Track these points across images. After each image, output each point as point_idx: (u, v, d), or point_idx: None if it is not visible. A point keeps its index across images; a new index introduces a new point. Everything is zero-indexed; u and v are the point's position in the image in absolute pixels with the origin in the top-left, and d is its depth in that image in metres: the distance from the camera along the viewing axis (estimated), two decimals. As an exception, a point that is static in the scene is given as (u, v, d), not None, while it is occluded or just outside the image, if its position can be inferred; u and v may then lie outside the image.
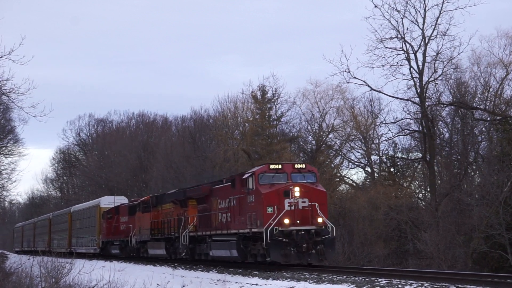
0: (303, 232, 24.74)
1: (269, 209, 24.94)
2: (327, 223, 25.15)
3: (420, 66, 40.51)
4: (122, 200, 53.94)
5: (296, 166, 26.42)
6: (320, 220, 24.97)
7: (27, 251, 78.60)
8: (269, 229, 24.45)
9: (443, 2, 39.30)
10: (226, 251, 28.56)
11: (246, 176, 26.73)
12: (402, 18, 39.98)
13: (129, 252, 45.43)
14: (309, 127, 56.68)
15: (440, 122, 45.78)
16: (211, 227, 30.60)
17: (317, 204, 24.98)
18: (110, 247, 50.24)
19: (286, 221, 24.68)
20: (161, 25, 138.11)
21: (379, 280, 18.59)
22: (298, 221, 24.85)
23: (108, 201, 53.77)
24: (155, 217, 39.12)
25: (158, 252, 38.94)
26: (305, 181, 25.94)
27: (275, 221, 24.57)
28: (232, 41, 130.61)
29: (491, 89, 44.84)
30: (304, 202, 25.11)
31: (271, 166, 26.08)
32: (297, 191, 25.07)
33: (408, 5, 39.93)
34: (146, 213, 40.66)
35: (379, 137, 52.91)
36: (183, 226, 33.60)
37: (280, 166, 26.08)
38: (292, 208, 24.89)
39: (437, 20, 39.61)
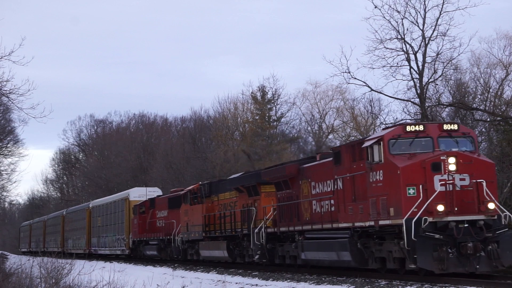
0: (466, 225, 17.49)
1: (410, 191, 17.63)
2: (502, 211, 18.08)
3: (420, 67, 40.51)
4: (155, 191, 46.54)
5: (445, 127, 18.87)
6: (491, 206, 17.60)
7: (36, 252, 68.29)
8: (413, 221, 17.15)
9: (443, 2, 39.27)
10: (331, 253, 21.05)
11: (367, 144, 19.12)
12: (402, 19, 39.94)
13: (171, 253, 38.14)
14: (309, 128, 56.75)
15: (440, 123, 45.79)
16: (301, 220, 23.40)
17: (484, 182, 17.66)
18: (144, 248, 42.87)
19: (440, 207, 17.38)
20: (159, 26, 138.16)
21: (379, 281, 18.58)
22: (456, 208, 17.53)
23: (138, 193, 46.27)
24: (210, 210, 32.06)
25: (215, 254, 31.17)
26: (461, 149, 18.62)
27: (422, 208, 17.32)
28: (230, 42, 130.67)
29: (491, 90, 44.86)
30: (463, 179, 17.79)
31: (408, 128, 18.85)
32: (452, 162, 17.78)
33: (408, 5, 39.90)
34: (196, 205, 33.46)
35: (379, 137, 52.92)
36: (254, 220, 26.72)
37: (421, 128, 18.83)
38: (447, 188, 17.60)
39: (437, 20, 39.58)
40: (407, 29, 40.25)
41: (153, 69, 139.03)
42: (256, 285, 21.67)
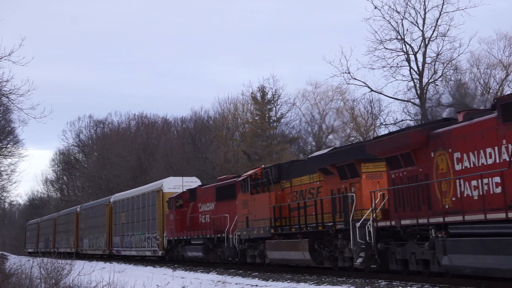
0: None
1: None
2: None
3: (420, 67, 40.63)
4: (194, 181, 40.21)
5: None
6: None
7: (44, 252, 58.57)
8: None
9: (443, 3, 39.48)
10: (509, 258, 13.78)
11: None
12: (402, 20, 40.18)
13: (223, 255, 31.46)
14: (309, 128, 56.69)
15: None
16: (435, 209, 16.69)
17: None
18: (184, 249, 35.78)
19: None
20: (159, 26, 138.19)
21: (379, 281, 18.57)
22: None
23: (174, 184, 39.66)
24: (280, 200, 25.46)
25: (291, 257, 24.18)
26: None
27: None
28: (230, 42, 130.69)
29: (491, 91, 44.92)
30: None
31: None
32: None
33: (408, 6, 40.11)
34: (259, 194, 26.78)
35: (379, 138, 52.96)
36: (354, 210, 20.20)
37: None
38: None
39: (437, 21, 39.78)
40: (407, 30, 40.52)
41: (153, 69, 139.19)
42: (256, 285, 21.65)
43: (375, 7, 39.96)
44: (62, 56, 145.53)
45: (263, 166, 28.58)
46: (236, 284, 22.64)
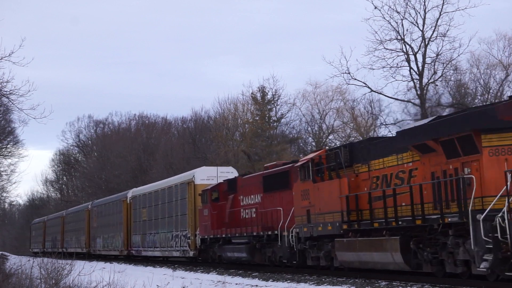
0: None
1: None
2: None
3: (420, 68, 40.62)
4: (229, 172, 35.06)
5: None
6: None
7: (51, 253, 48.82)
8: None
9: (443, 3, 39.46)
10: None
11: None
12: (402, 20, 40.16)
13: (275, 256, 26.52)
14: (309, 129, 56.83)
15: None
16: None
17: None
18: (223, 249, 30.61)
19: None
20: (159, 26, 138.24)
21: (379, 281, 18.57)
22: None
23: (207, 174, 34.61)
24: (354, 188, 20.42)
25: (374, 259, 19.26)
26: None
27: None
28: (230, 42, 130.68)
29: (491, 91, 44.94)
30: None
31: None
32: None
33: (408, 6, 40.10)
34: (325, 182, 21.72)
35: (379, 138, 52.97)
36: (473, 198, 15.20)
37: None
38: None
39: (437, 21, 39.76)
40: (407, 30, 40.50)
41: (153, 69, 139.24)
42: (256, 285, 21.65)
43: (375, 7, 39.98)
44: (62, 56, 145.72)
45: (327, 147, 24.61)
46: (236, 284, 22.64)
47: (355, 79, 41.42)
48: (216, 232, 30.94)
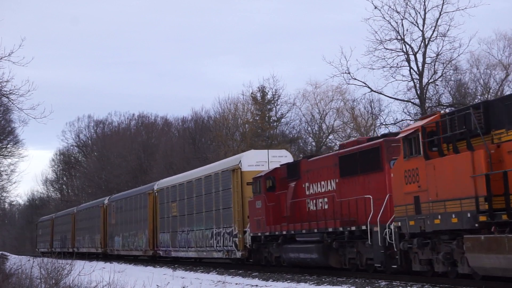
0: None
1: None
2: None
3: (420, 68, 40.61)
4: (282, 155, 29.79)
5: None
6: None
7: (61, 253, 36.59)
8: None
9: (443, 3, 39.44)
10: None
11: None
12: (402, 20, 40.14)
13: (361, 259, 20.81)
14: (309, 129, 56.83)
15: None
16: None
17: None
18: (283, 248, 24.73)
19: None
20: (159, 26, 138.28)
21: (379, 281, 18.57)
22: None
23: (256, 159, 29.22)
24: (497, 163, 14.83)
25: None
26: None
27: None
28: (230, 42, 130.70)
29: (491, 91, 44.95)
30: None
31: None
32: None
33: (408, 6, 40.08)
34: (446, 157, 16.03)
35: (379, 138, 52.96)
36: None
37: None
38: None
39: (437, 21, 39.75)
40: (407, 30, 40.48)
41: (153, 69, 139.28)
42: (256, 285, 21.65)
43: (375, 7, 39.97)
44: (62, 56, 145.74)
45: (441, 112, 19.81)
46: (236, 284, 22.64)
47: (355, 79, 41.46)
48: (274, 228, 25.47)
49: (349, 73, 41.15)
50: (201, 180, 32.97)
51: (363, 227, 20.15)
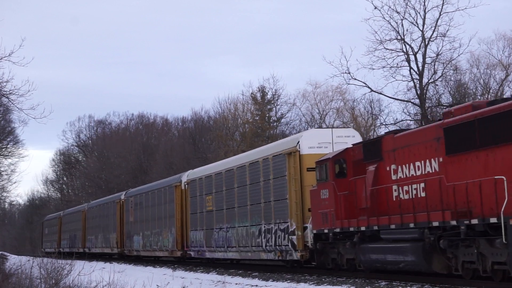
0: None
1: None
2: None
3: (420, 68, 40.61)
4: (349, 135, 24.52)
5: None
6: None
7: (69, 254, 37.03)
8: None
9: (443, 3, 39.44)
10: None
11: None
12: (402, 20, 40.14)
13: (484, 263, 15.36)
14: (309, 129, 56.76)
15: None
16: None
17: None
18: (363, 249, 19.68)
19: None
20: (159, 26, 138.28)
21: (379, 281, 18.57)
22: None
23: (318, 140, 24.02)
24: None
25: None
26: None
27: None
28: (230, 42, 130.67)
29: (491, 91, 44.96)
30: None
31: None
32: None
33: (408, 6, 40.08)
34: None
35: (379, 138, 53.00)
36: None
37: None
38: None
39: (437, 21, 39.74)
40: (407, 30, 40.48)
41: (153, 69, 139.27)
42: (256, 285, 21.64)
43: (375, 8, 39.96)
44: (62, 56, 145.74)
45: None
46: (236, 284, 22.63)
47: (355, 79, 41.44)
48: (347, 223, 20.42)
49: (349, 73, 41.16)
50: (245, 168, 27.66)
51: (492, 220, 14.73)
